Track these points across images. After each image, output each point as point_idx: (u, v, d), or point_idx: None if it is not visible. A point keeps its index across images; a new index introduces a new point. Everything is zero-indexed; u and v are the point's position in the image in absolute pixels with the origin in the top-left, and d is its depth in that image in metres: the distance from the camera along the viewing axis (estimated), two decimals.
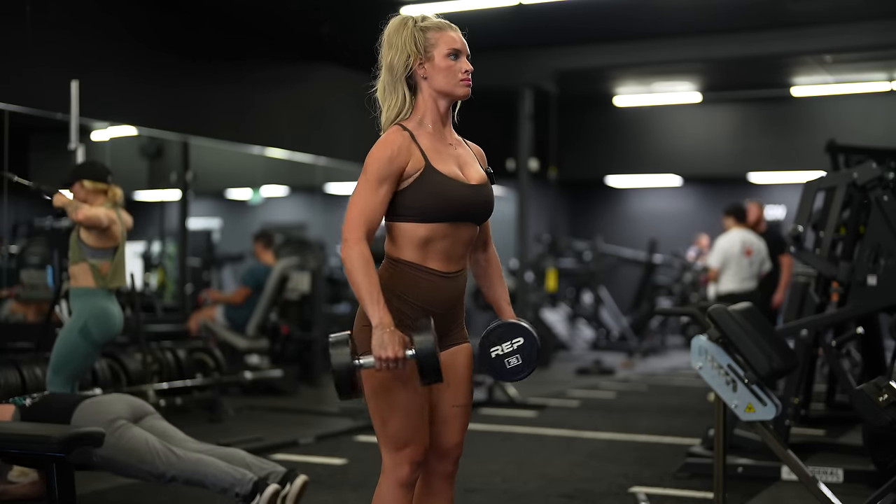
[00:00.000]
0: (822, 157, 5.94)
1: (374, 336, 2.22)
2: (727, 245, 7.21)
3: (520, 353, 2.43)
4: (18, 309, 7.24)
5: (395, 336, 2.22)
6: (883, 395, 3.39)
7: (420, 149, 2.39)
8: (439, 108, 2.46)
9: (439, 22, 2.47)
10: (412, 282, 2.38)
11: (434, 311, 2.40)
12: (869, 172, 4.83)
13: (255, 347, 7.68)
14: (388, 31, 2.46)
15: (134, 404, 3.91)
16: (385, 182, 2.34)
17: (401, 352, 2.22)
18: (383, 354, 2.21)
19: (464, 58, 2.45)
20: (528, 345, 2.43)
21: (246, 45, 9.20)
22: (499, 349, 2.43)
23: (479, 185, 2.45)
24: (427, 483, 2.53)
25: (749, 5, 8.96)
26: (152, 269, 10.72)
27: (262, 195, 13.79)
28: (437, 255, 2.39)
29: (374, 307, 2.25)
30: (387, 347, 2.21)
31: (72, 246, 4.67)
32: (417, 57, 2.42)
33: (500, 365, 2.43)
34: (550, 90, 10.85)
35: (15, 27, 6.48)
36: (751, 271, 7.16)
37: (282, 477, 3.68)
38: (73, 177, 4.76)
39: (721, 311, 3.69)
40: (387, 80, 2.45)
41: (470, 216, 2.43)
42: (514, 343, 2.43)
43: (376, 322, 2.23)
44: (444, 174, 2.38)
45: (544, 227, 13.70)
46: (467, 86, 2.45)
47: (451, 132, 2.51)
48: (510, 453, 5.44)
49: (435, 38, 2.43)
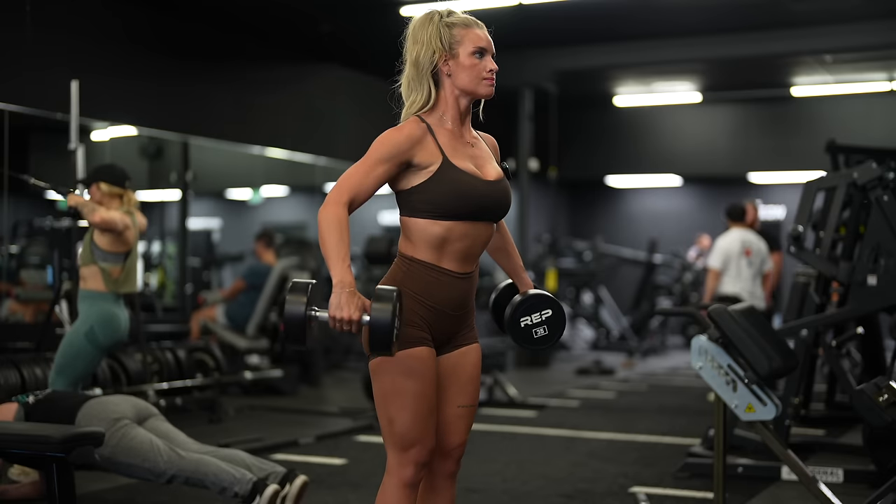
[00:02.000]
0: (822, 157, 5.94)
1: (333, 295, 2.18)
2: (727, 245, 7.18)
3: (547, 324, 2.53)
4: (18, 309, 7.25)
5: (354, 298, 2.17)
6: (883, 395, 3.39)
7: (437, 143, 2.37)
8: (460, 106, 2.44)
9: (466, 18, 2.45)
10: (426, 282, 2.37)
11: (447, 311, 2.40)
12: (869, 172, 4.83)
13: (255, 347, 7.68)
14: (414, 26, 2.44)
15: (138, 406, 3.92)
16: (383, 164, 2.32)
17: (356, 314, 2.17)
18: (338, 314, 2.16)
19: (489, 56, 2.43)
20: (556, 316, 2.53)
21: (246, 45, 9.21)
22: (528, 319, 2.52)
23: (496, 181, 2.43)
24: (429, 482, 2.52)
25: (749, 5, 8.96)
26: (152, 269, 10.73)
27: (262, 195, 13.80)
28: (453, 255, 2.38)
29: (338, 265, 2.20)
30: (342, 308, 2.16)
31: (84, 247, 4.66)
32: (443, 53, 2.39)
33: (528, 335, 2.52)
34: (550, 90, 10.86)
35: (15, 27, 6.48)
36: (750, 272, 7.14)
37: (281, 477, 3.69)
38: (92, 179, 4.75)
39: (721, 311, 3.69)
40: (412, 75, 2.42)
41: (487, 213, 2.41)
42: (543, 314, 2.52)
43: (337, 280, 2.18)
44: (462, 170, 2.36)
45: (544, 227, 13.70)
46: (491, 85, 2.43)
47: (469, 130, 2.50)
48: (510, 453, 5.44)
49: (461, 35, 2.41)
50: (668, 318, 13.06)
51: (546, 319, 2.52)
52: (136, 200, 4.78)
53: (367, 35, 9.58)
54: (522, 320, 2.52)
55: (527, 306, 2.52)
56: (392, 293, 2.19)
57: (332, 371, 9.15)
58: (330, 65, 10.04)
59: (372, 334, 2.18)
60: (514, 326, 2.52)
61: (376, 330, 2.17)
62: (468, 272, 2.42)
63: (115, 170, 4.78)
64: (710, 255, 7.32)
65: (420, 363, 2.35)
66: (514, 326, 2.52)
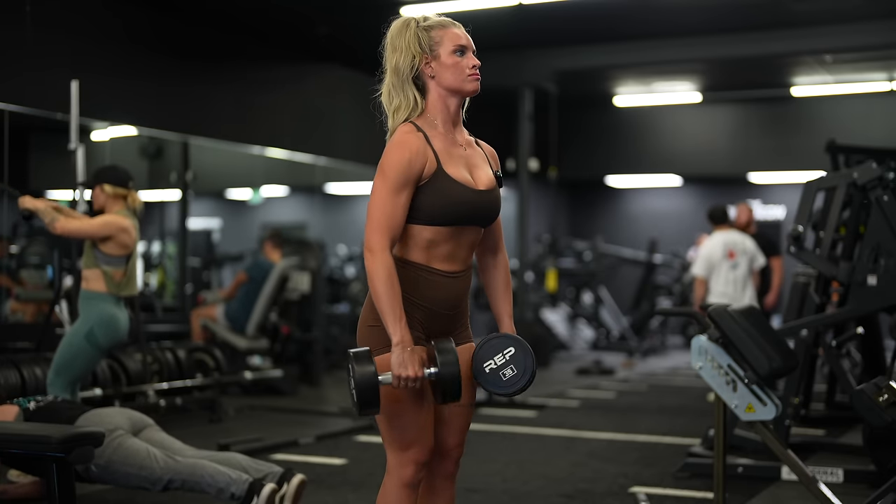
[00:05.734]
0: (822, 157, 5.94)
1: (394, 354, 2.24)
2: (708, 251, 7.07)
3: (513, 364, 2.38)
4: (18, 308, 7.25)
5: (415, 355, 2.24)
6: (883, 395, 3.39)
7: (434, 151, 2.38)
8: (449, 108, 2.44)
9: (441, 20, 2.46)
10: (418, 282, 2.38)
11: (440, 310, 2.41)
12: (869, 172, 4.83)
13: (255, 347, 7.68)
14: (391, 34, 2.45)
15: (134, 417, 3.95)
16: (406, 187, 2.33)
17: (420, 371, 2.25)
18: (403, 373, 2.23)
19: (470, 53, 2.44)
20: (520, 353, 2.38)
21: (246, 45, 9.20)
22: (491, 363, 2.40)
23: (487, 189, 2.44)
24: (428, 482, 2.53)
25: (749, 5, 8.96)
26: (152, 269, 10.73)
27: (261, 195, 13.80)
28: (441, 256, 2.39)
29: (395, 324, 2.26)
30: (407, 367, 2.23)
31: (85, 251, 4.65)
32: (423, 56, 2.40)
33: (496, 378, 2.39)
34: (550, 90, 10.85)
35: (15, 27, 6.48)
36: (735, 274, 7.01)
37: (279, 477, 3.69)
38: (95, 180, 4.74)
39: (721, 311, 3.69)
40: (393, 83, 2.43)
41: (475, 221, 2.43)
42: (505, 354, 2.39)
43: (397, 340, 2.25)
44: (454, 178, 2.37)
45: (544, 227, 13.70)
46: (476, 80, 2.44)
47: (462, 132, 2.50)
48: (510, 453, 5.44)
49: (439, 36, 2.42)
50: (668, 318, 13.06)
51: (510, 358, 2.38)
52: (140, 201, 4.78)
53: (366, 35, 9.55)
54: (486, 365, 2.40)
55: (486, 350, 2.41)
56: (452, 345, 2.28)
57: (332, 371, 9.15)
58: (329, 65, 10.04)
59: (443, 386, 2.27)
60: (481, 374, 2.40)
61: (447, 383, 2.26)
62: (458, 271, 2.43)
63: (117, 171, 4.77)
64: (695, 263, 7.23)
65: None
66: (481, 374, 2.40)
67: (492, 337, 2.43)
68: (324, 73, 10.07)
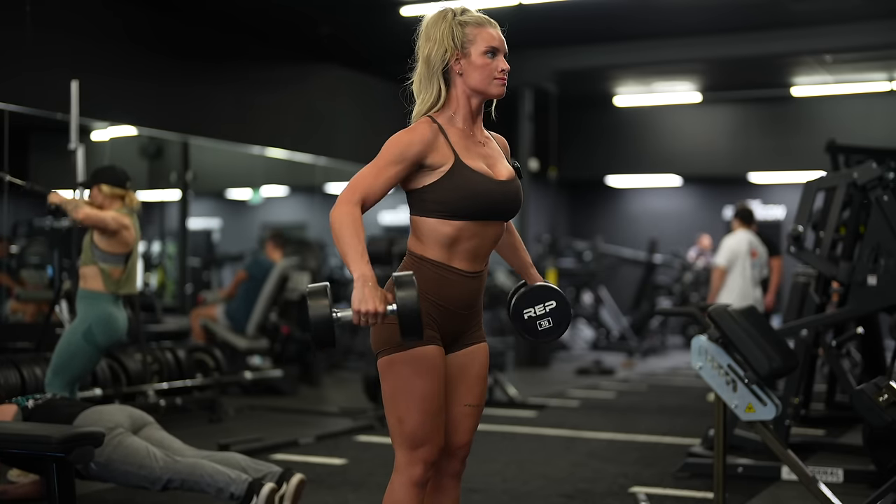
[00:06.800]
0: (822, 157, 5.94)
1: (355, 290, 2.17)
2: (735, 244, 7.17)
3: (551, 316, 2.50)
4: (18, 308, 7.25)
5: (376, 291, 2.16)
6: (883, 395, 3.39)
7: (449, 143, 2.36)
8: (471, 106, 2.43)
9: (479, 17, 2.43)
10: (436, 281, 2.36)
11: (456, 310, 2.39)
12: (869, 172, 4.83)
13: (255, 347, 7.68)
14: (427, 23, 2.42)
15: (134, 415, 3.94)
16: (395, 165, 2.30)
17: (381, 306, 2.16)
18: (363, 308, 2.15)
19: (501, 56, 2.41)
20: (560, 308, 2.49)
21: (246, 45, 9.21)
22: (531, 311, 2.49)
23: (508, 181, 2.42)
24: (436, 481, 2.51)
25: (749, 5, 8.96)
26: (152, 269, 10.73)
27: (261, 195, 13.81)
28: (463, 254, 2.37)
29: (356, 260, 2.19)
30: (367, 301, 2.15)
31: (85, 247, 4.65)
32: (454, 52, 2.38)
33: (532, 327, 2.50)
34: (550, 90, 10.86)
35: (15, 27, 6.48)
36: (753, 273, 7.15)
37: (278, 476, 3.69)
38: (92, 180, 4.74)
39: (721, 311, 3.69)
40: (423, 73, 2.41)
41: (498, 213, 2.40)
42: (546, 306, 2.48)
43: (357, 275, 2.18)
44: (474, 170, 2.35)
45: (544, 227, 13.70)
46: (502, 85, 2.42)
47: (481, 129, 2.48)
48: (510, 453, 5.44)
49: (473, 34, 2.39)
50: (668, 318, 13.06)
51: (550, 311, 2.49)
52: (138, 201, 4.78)
53: (367, 35, 9.59)
54: (526, 311, 2.50)
55: (529, 297, 2.51)
56: (411, 277, 2.19)
57: (332, 371, 9.15)
58: (330, 65, 10.05)
59: (401, 321, 2.17)
60: (518, 318, 2.51)
61: (405, 316, 2.16)
62: (478, 271, 2.41)
63: (115, 171, 4.77)
64: (718, 253, 7.32)
65: (429, 361, 2.35)
66: (518, 318, 2.51)
67: (538, 286, 2.50)
68: (324, 73, 10.07)
